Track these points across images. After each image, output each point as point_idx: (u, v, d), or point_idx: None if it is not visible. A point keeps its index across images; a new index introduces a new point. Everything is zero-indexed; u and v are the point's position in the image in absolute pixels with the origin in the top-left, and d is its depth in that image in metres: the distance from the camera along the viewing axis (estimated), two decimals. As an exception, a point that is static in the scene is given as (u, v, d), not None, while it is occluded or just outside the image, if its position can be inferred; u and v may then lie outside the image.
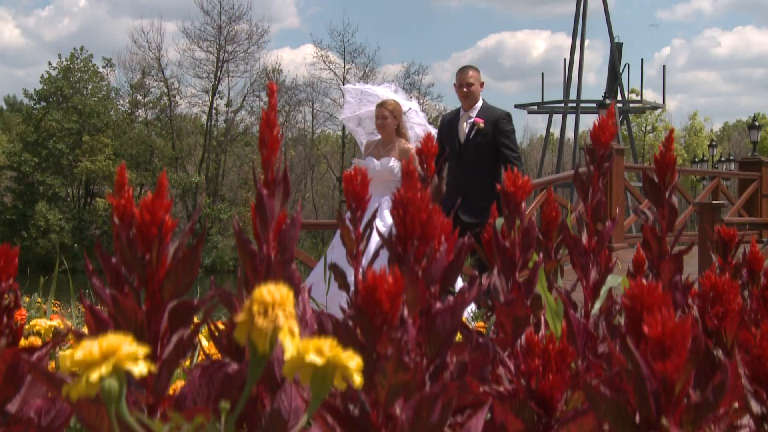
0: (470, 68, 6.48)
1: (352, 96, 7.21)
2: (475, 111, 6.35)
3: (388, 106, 6.51)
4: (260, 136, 0.93)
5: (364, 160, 6.58)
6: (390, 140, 6.52)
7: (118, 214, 1.04)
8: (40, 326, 1.78)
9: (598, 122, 1.25)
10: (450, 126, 6.46)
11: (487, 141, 6.23)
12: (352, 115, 7.21)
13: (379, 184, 6.39)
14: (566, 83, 30.53)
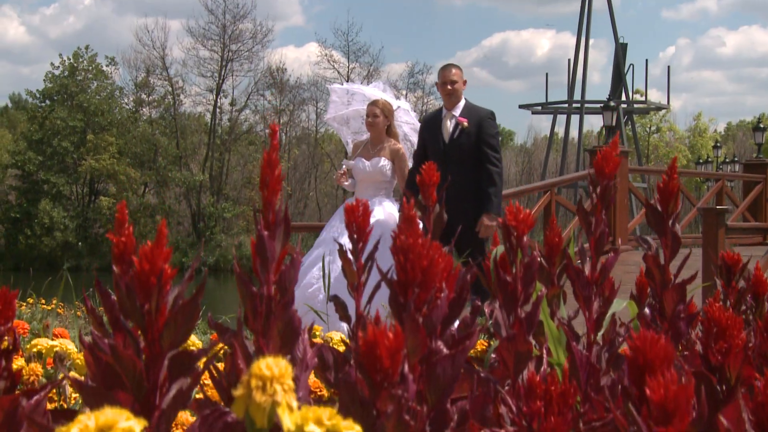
0: (453, 66, 6.32)
1: (338, 95, 7.06)
2: (459, 110, 6.17)
3: (380, 104, 6.38)
4: (261, 177, 0.92)
5: (353, 161, 6.44)
6: (380, 140, 6.38)
7: (117, 251, 1.04)
8: (41, 346, 1.77)
9: (601, 153, 1.24)
10: (432, 126, 6.25)
11: (471, 141, 6.05)
12: (337, 114, 7.07)
13: (370, 186, 6.31)
14: (570, 83, 30.50)
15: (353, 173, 6.40)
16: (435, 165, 1.33)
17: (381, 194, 6.32)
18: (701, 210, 8.41)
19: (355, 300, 1.24)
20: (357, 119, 6.98)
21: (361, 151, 6.46)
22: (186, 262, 41.27)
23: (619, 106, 28.56)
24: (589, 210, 1.31)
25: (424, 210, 1.36)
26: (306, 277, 5.99)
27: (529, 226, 1.18)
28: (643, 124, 46.44)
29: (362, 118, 6.84)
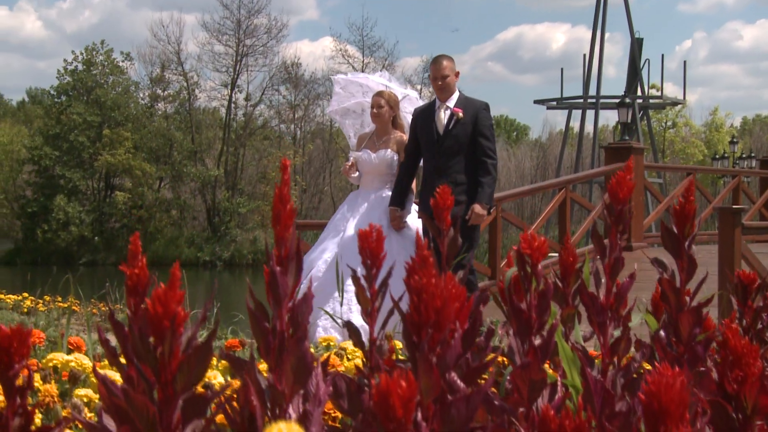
0: (443, 59, 6.16)
1: (341, 87, 6.93)
2: (453, 101, 6.04)
3: (385, 95, 6.29)
4: (273, 212, 0.92)
5: (359, 152, 6.34)
6: (385, 131, 6.30)
7: (131, 283, 1.04)
8: (57, 361, 1.78)
9: (616, 179, 1.23)
10: (426, 117, 6.11)
11: (465, 132, 5.94)
12: (340, 107, 6.94)
13: (376, 178, 6.24)
14: (586, 78, 30.39)
15: (359, 166, 6.32)
16: (448, 189, 1.33)
17: (387, 187, 6.25)
18: (717, 209, 8.36)
19: (368, 325, 1.24)
20: (362, 113, 6.88)
21: (366, 143, 6.37)
22: (201, 257, 41.41)
23: (635, 102, 28.43)
24: (604, 204, 1.30)
25: (438, 232, 1.35)
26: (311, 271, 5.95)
27: (544, 254, 1.17)
28: (659, 119, 46.21)
29: (366, 111, 6.74)
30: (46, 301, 8.79)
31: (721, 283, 7.95)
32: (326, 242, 6.13)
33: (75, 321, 8.18)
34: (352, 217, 6.11)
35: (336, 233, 6.10)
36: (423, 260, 0.94)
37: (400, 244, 5.96)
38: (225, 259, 41.16)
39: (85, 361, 1.76)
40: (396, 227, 6.03)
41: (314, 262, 6.04)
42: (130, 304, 1.01)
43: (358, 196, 6.29)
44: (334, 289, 5.71)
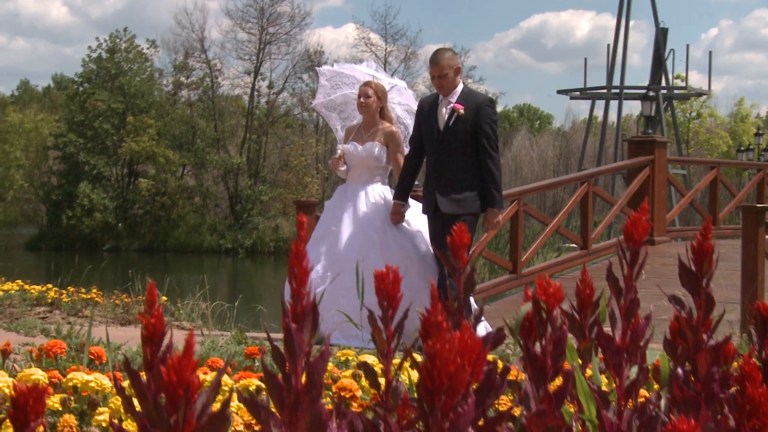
0: (441, 56, 5.92)
1: (327, 78, 6.71)
2: (455, 96, 5.85)
3: (372, 85, 6.12)
4: (289, 268, 0.93)
5: (347, 144, 6.17)
6: (373, 123, 6.12)
7: (147, 332, 1.05)
8: (77, 381, 1.80)
9: (631, 219, 1.22)
10: (429, 112, 5.93)
11: (467, 128, 5.75)
12: (326, 99, 6.72)
13: (364, 171, 6.07)
14: (610, 68, 30.18)
15: (346, 158, 6.15)
16: (463, 227, 1.33)
17: (375, 180, 6.09)
18: (741, 207, 8.30)
19: (385, 366, 1.24)
20: (347, 105, 6.67)
21: (354, 135, 6.20)
22: (223, 245, 41.60)
23: (659, 94, 28.21)
24: (624, 197, 1.29)
25: (454, 270, 1.35)
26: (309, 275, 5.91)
27: (559, 300, 1.17)
28: (683, 109, 45.86)
29: (352, 103, 6.56)
30: (70, 291, 8.85)
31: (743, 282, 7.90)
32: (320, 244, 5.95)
33: (98, 312, 8.25)
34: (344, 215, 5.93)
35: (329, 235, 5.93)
36: (436, 325, 0.95)
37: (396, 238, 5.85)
38: (247, 246, 41.32)
39: (104, 382, 1.78)
40: (395, 221, 5.90)
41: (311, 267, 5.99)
42: (146, 353, 1.02)
43: (346, 191, 6.11)
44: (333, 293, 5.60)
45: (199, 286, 9.01)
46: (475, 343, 1.06)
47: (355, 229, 5.87)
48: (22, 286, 8.72)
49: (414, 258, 5.84)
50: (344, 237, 5.84)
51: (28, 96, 78.78)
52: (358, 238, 5.84)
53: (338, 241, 5.85)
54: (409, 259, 5.80)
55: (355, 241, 5.83)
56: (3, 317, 7.37)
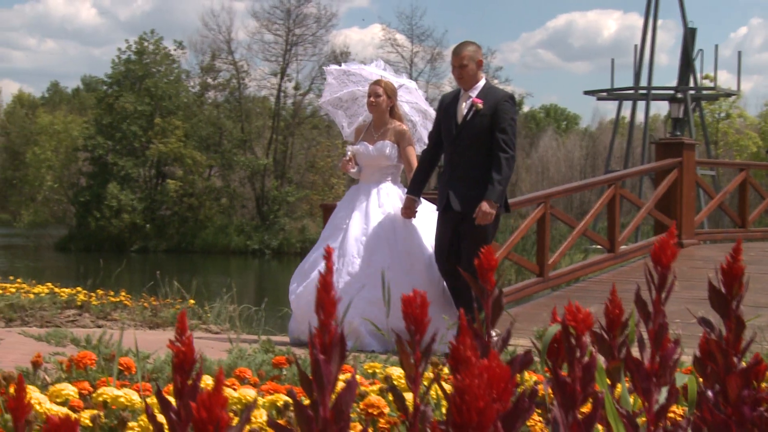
0: (463, 47, 5.88)
1: (334, 77, 6.63)
2: (476, 91, 5.76)
3: (382, 83, 6.05)
4: (317, 300, 0.93)
5: (357, 145, 6.10)
6: (383, 122, 6.05)
7: (178, 360, 1.06)
8: (107, 396, 1.81)
9: (659, 243, 1.22)
10: (448, 107, 5.85)
11: (485, 124, 5.63)
12: (332, 97, 6.66)
13: (375, 171, 6.01)
14: (637, 69, 29.99)
15: (357, 159, 6.09)
16: (490, 249, 1.32)
17: (387, 179, 6.04)
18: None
19: (412, 392, 1.24)
20: (353, 101, 6.62)
21: (364, 134, 6.13)
22: (250, 246, 41.80)
23: (687, 95, 27.99)
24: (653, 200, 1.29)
25: (482, 293, 1.35)
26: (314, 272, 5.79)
27: (588, 326, 1.17)
28: (712, 110, 45.46)
29: (359, 99, 6.52)
30: (99, 295, 8.93)
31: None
32: (328, 241, 5.92)
33: (126, 315, 8.32)
34: (354, 214, 5.89)
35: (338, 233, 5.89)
36: (465, 361, 0.95)
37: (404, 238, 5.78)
38: (274, 247, 41.47)
39: (134, 397, 1.79)
40: (406, 216, 5.81)
41: (314, 265, 5.85)
42: (176, 381, 1.03)
43: (358, 191, 6.06)
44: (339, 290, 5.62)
45: (226, 289, 9.06)
46: (503, 372, 1.06)
47: (363, 226, 5.82)
48: (52, 289, 8.81)
49: (420, 259, 5.79)
50: (351, 234, 5.79)
51: (57, 97, 79.60)
52: (365, 235, 5.79)
53: (345, 239, 5.80)
54: (415, 259, 5.76)
55: (362, 237, 5.79)
56: (34, 320, 7.45)
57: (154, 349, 4.97)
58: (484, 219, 5.58)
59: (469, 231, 5.63)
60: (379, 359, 3.50)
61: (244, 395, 1.77)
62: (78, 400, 1.88)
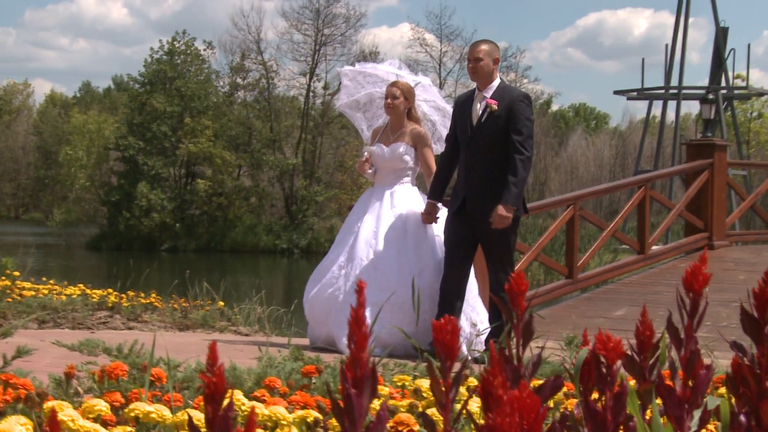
0: (481, 42, 5.74)
1: (350, 79, 6.51)
2: (490, 91, 5.60)
3: (400, 85, 5.92)
4: (349, 334, 0.94)
5: (373, 146, 5.98)
6: (400, 124, 5.93)
7: (209, 391, 1.07)
8: (138, 411, 1.83)
9: (690, 269, 1.21)
10: (463, 107, 5.69)
11: (500, 125, 5.49)
12: (350, 100, 6.53)
13: (390, 174, 5.90)
14: (668, 68, 29.76)
15: (372, 161, 5.99)
16: (521, 275, 1.32)
17: (402, 182, 5.91)
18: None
19: (443, 417, 1.24)
20: (371, 104, 6.50)
21: (380, 136, 6.02)
22: (279, 245, 41.98)
23: (719, 96, 27.72)
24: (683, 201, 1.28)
25: (511, 315, 1.35)
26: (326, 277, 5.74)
27: (619, 355, 1.17)
28: (744, 109, 45.02)
29: (376, 101, 6.42)
30: (130, 296, 9.01)
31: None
32: (341, 246, 5.87)
33: (157, 317, 8.38)
34: (365, 217, 5.80)
35: (350, 236, 5.81)
36: (497, 400, 0.95)
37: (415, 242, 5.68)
38: (302, 247, 41.62)
39: (165, 413, 1.81)
40: (426, 221, 5.71)
41: (328, 269, 5.78)
42: (207, 411, 1.04)
43: (372, 194, 5.96)
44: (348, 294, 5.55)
45: (255, 290, 9.11)
46: (534, 403, 1.06)
47: (374, 230, 5.74)
48: (84, 291, 8.90)
49: (430, 264, 5.68)
50: (362, 238, 5.70)
51: (89, 97, 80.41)
52: (374, 237, 5.71)
53: (356, 242, 5.72)
54: (424, 264, 5.66)
55: (372, 241, 5.70)
56: (66, 321, 7.53)
57: (184, 353, 5.01)
58: (501, 223, 5.48)
59: (489, 234, 5.53)
60: (408, 367, 3.50)
61: (275, 413, 1.78)
62: (110, 414, 1.91)
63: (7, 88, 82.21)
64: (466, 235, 5.63)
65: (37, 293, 8.31)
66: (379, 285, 5.46)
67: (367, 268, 5.59)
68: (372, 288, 5.44)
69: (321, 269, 5.89)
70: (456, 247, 5.60)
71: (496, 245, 5.56)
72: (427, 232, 5.77)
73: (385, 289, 5.40)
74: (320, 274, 5.83)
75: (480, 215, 5.55)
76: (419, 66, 45.39)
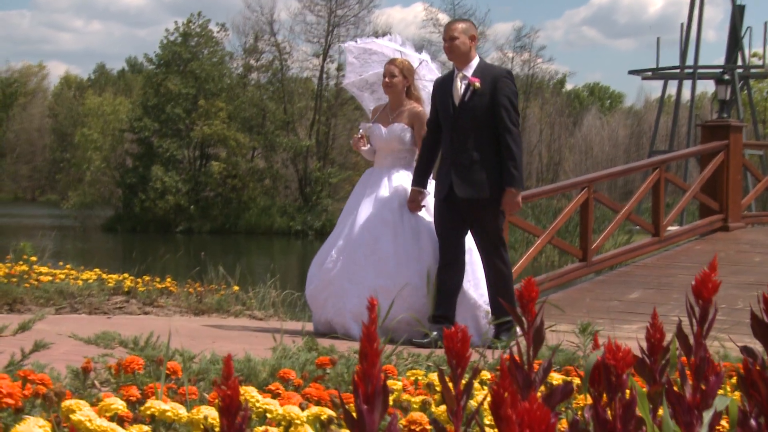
0: (456, 21, 5.63)
1: (354, 56, 6.33)
2: (470, 70, 5.44)
3: (397, 63, 5.77)
4: (360, 349, 0.95)
5: (370, 125, 5.84)
6: (399, 103, 5.77)
7: (224, 404, 1.08)
8: (154, 410, 1.86)
9: (700, 277, 1.22)
10: (443, 88, 5.52)
11: (484, 104, 5.33)
12: (358, 78, 6.34)
13: (388, 155, 5.76)
14: (683, 47, 29.54)
15: (371, 141, 5.85)
16: (531, 281, 1.33)
17: (401, 163, 5.77)
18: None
19: (454, 424, 1.26)
20: (379, 83, 6.22)
21: (379, 115, 5.87)
22: (293, 227, 42.07)
23: (735, 75, 27.51)
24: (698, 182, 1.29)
25: (522, 323, 1.36)
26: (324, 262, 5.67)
27: (629, 364, 1.18)
28: (760, 89, 44.67)
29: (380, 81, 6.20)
30: (145, 281, 9.06)
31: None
32: (339, 229, 5.79)
33: (172, 302, 8.44)
34: (363, 201, 5.69)
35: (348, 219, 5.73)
36: (505, 421, 0.96)
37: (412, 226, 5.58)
38: (316, 228, 41.68)
39: (181, 411, 1.83)
40: (413, 210, 5.59)
41: (327, 253, 5.71)
42: (222, 425, 1.05)
43: (370, 176, 5.84)
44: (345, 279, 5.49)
45: (270, 274, 9.15)
46: (544, 415, 1.07)
47: (371, 213, 5.62)
48: (100, 275, 8.95)
49: (428, 248, 5.56)
50: (359, 222, 5.59)
51: (104, 79, 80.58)
52: (371, 220, 5.59)
53: (353, 226, 5.63)
54: (422, 248, 5.55)
55: (369, 223, 5.59)
56: (83, 306, 7.58)
57: (199, 339, 5.05)
58: (513, 208, 5.38)
59: (479, 220, 5.39)
60: (422, 357, 3.52)
61: (288, 413, 1.80)
62: (126, 411, 1.93)
63: (23, 71, 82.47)
64: (458, 221, 5.48)
65: (54, 278, 8.37)
66: (377, 270, 5.39)
67: (365, 254, 5.47)
68: (369, 273, 5.40)
69: (321, 253, 5.81)
70: (449, 235, 5.45)
71: (488, 231, 5.42)
72: (424, 215, 5.67)
73: (383, 275, 5.34)
74: (320, 259, 5.76)
75: (469, 199, 5.39)
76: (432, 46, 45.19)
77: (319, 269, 5.69)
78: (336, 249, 5.64)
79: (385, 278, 5.32)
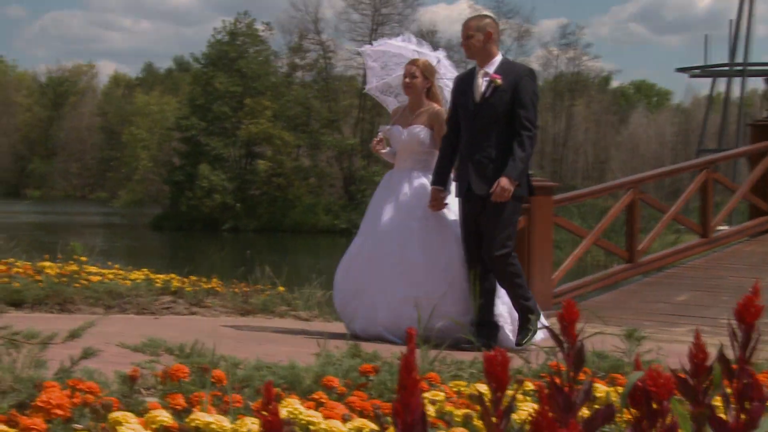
0: (471, 19, 5.49)
1: (374, 60, 6.20)
2: (493, 67, 5.35)
3: (418, 63, 5.66)
4: (399, 380, 0.96)
5: (389, 126, 5.71)
6: (419, 104, 5.64)
7: (266, 429, 1.10)
8: (199, 422, 1.89)
9: (743, 302, 1.21)
10: (464, 85, 5.43)
11: (505, 100, 5.24)
12: (381, 83, 6.22)
13: (408, 157, 5.61)
14: (733, 44, 29.11)
15: (391, 143, 5.71)
16: (571, 302, 1.32)
17: (421, 165, 5.61)
18: None
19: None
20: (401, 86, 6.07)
21: (398, 117, 5.74)
22: (338, 225, 42.23)
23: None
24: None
25: (562, 345, 1.36)
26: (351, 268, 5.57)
27: (669, 392, 1.17)
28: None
29: None
30: (192, 281, 9.16)
31: None
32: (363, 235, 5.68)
33: (218, 302, 8.52)
34: (386, 206, 5.55)
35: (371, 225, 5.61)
36: None
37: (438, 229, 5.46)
38: (358, 224, 41.78)
39: (225, 424, 1.86)
40: (434, 209, 5.45)
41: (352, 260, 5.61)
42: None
43: (391, 178, 5.70)
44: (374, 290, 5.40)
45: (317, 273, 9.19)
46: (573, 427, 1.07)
47: (395, 220, 5.52)
48: (148, 275, 9.06)
49: (457, 251, 5.44)
50: (385, 229, 5.49)
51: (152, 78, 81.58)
52: (398, 229, 5.49)
53: (379, 234, 5.51)
54: (450, 255, 5.43)
55: (395, 232, 5.49)
56: (132, 307, 7.69)
57: (244, 342, 5.09)
58: (501, 196, 5.21)
59: (488, 212, 5.26)
60: (465, 363, 3.52)
61: (331, 427, 1.82)
62: (172, 422, 1.96)
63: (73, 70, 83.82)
64: None
65: (103, 278, 8.49)
66: (406, 280, 5.33)
67: (392, 263, 5.37)
68: (398, 284, 5.34)
69: (345, 261, 5.70)
70: (474, 237, 5.38)
71: (498, 230, 5.29)
72: (449, 218, 5.55)
73: (414, 284, 5.28)
74: (344, 267, 5.65)
75: (484, 193, 5.29)
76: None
77: (345, 278, 5.62)
78: (362, 257, 5.57)
79: (415, 288, 5.27)
